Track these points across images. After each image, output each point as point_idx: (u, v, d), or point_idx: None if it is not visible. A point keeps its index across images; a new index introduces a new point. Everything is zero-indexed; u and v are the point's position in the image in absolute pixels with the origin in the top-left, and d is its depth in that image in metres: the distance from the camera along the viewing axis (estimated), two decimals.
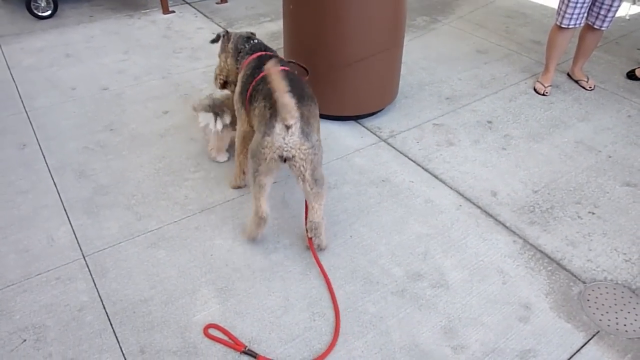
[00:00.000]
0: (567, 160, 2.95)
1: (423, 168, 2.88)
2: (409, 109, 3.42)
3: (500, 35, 4.49)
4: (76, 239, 2.38)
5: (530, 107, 3.45)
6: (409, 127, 3.23)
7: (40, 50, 4.10)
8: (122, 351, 1.91)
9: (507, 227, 2.50)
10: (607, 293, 2.20)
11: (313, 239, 2.24)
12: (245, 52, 2.45)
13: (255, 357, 1.88)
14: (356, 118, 3.28)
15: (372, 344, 1.95)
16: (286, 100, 1.86)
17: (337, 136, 3.12)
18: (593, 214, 2.59)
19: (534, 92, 3.61)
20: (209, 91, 3.31)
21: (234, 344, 1.92)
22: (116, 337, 1.96)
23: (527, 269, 2.29)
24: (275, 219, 2.49)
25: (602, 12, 3.29)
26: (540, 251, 2.38)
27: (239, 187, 2.67)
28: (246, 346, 1.92)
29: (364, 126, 3.24)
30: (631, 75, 3.76)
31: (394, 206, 2.60)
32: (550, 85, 3.59)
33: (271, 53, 2.44)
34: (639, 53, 4.04)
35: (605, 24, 3.34)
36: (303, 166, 2.03)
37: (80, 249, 2.33)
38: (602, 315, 2.11)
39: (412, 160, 2.94)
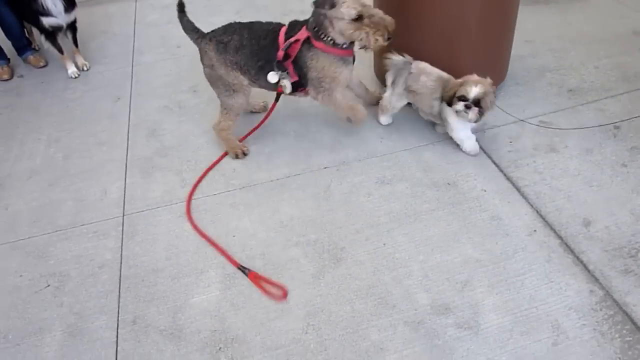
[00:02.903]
0: None
1: (505, 175, 2.37)
2: (515, 99, 2.83)
3: None
4: (124, 196, 2.48)
5: None
6: (507, 121, 2.68)
7: (166, 6, 4.33)
8: (118, 317, 1.95)
9: (588, 270, 1.93)
10: None
11: None
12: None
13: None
14: None
15: None
16: None
17: (414, 123, 2.72)
18: None
19: None
20: None
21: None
22: (118, 302, 2.00)
23: (596, 332, 1.74)
24: (311, 210, 2.29)
25: None
26: (624, 312, 1.79)
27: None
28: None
29: None
30: None
31: (450, 217, 2.19)
32: None
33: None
34: None
35: None
36: None
37: (124, 207, 2.42)
38: None
39: (494, 163, 2.44)
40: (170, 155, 2.70)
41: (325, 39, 2.27)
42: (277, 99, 2.58)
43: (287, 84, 2.36)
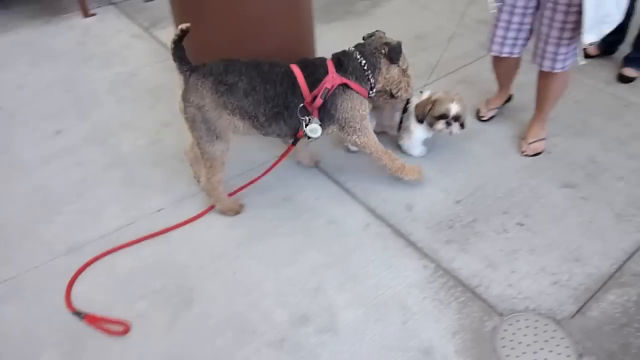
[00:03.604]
0: (500, 160, 2.59)
1: (333, 180, 2.53)
2: None
3: (445, 17, 4.08)
4: None
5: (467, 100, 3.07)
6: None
7: None
8: None
9: (418, 249, 2.15)
10: (527, 327, 1.85)
11: None
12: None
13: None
14: None
15: None
16: None
17: (239, 149, 2.75)
18: (522, 225, 2.23)
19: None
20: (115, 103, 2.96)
21: None
22: None
23: (435, 301, 1.94)
24: (151, 257, 2.16)
25: (540, 45, 2.34)
26: (454, 277, 2.03)
27: None
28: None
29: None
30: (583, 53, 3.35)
31: (292, 231, 2.26)
32: (494, 109, 2.89)
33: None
34: None
35: (548, 64, 2.33)
36: None
37: None
38: (517, 357, 1.76)
39: (322, 171, 2.59)
40: None
41: (368, 82, 2.20)
42: (294, 143, 2.30)
43: (318, 128, 2.15)
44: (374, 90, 2.25)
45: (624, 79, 3.15)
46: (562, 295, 1.94)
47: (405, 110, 2.56)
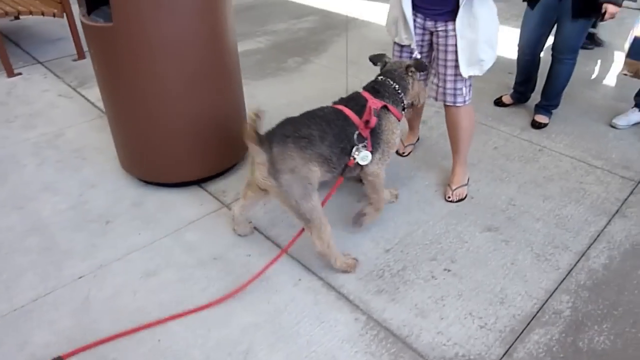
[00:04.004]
0: (427, 207, 2.67)
1: (265, 236, 2.51)
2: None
3: (371, 70, 4.27)
4: None
5: None
6: None
7: None
8: None
9: (349, 301, 2.14)
10: None
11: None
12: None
13: None
14: (200, 182, 2.89)
15: None
16: None
17: (170, 207, 2.70)
18: (449, 271, 2.29)
19: None
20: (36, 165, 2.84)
21: None
22: None
23: (367, 354, 1.92)
24: (70, 330, 2.02)
25: (440, 84, 2.55)
26: (385, 328, 2.02)
27: None
28: None
29: (206, 191, 2.85)
30: (498, 102, 3.60)
31: (222, 291, 2.19)
32: (410, 145, 3.15)
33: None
34: (510, 77, 3.89)
35: (450, 99, 2.54)
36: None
37: None
38: None
39: (254, 227, 2.56)
40: None
41: (401, 104, 2.40)
42: (342, 174, 2.26)
43: (368, 155, 2.21)
44: (405, 110, 2.47)
45: (536, 125, 3.38)
46: (490, 338, 1.98)
47: None
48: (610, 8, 2.84)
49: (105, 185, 2.89)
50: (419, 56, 2.58)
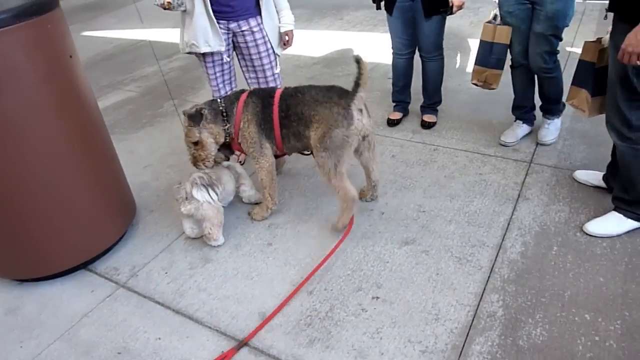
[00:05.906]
0: (338, 234, 2.53)
1: (173, 310, 2.22)
2: (154, 226, 2.76)
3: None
4: None
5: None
6: (156, 253, 2.57)
7: None
8: None
9: None
10: None
11: (372, 194, 2.72)
12: (229, 103, 2.52)
13: None
14: (86, 264, 2.51)
15: None
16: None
17: (55, 304, 2.31)
18: (377, 298, 2.16)
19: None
20: None
21: None
22: None
23: None
24: None
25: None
26: None
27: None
28: None
29: (95, 273, 2.48)
30: (391, 122, 3.53)
31: None
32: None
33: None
34: (390, 82, 3.92)
35: None
36: (371, 136, 2.48)
37: None
38: None
39: (159, 303, 2.26)
40: None
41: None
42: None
43: None
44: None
45: (426, 125, 3.42)
46: None
47: None
48: (455, 1, 2.96)
49: None
50: (228, 59, 2.87)
